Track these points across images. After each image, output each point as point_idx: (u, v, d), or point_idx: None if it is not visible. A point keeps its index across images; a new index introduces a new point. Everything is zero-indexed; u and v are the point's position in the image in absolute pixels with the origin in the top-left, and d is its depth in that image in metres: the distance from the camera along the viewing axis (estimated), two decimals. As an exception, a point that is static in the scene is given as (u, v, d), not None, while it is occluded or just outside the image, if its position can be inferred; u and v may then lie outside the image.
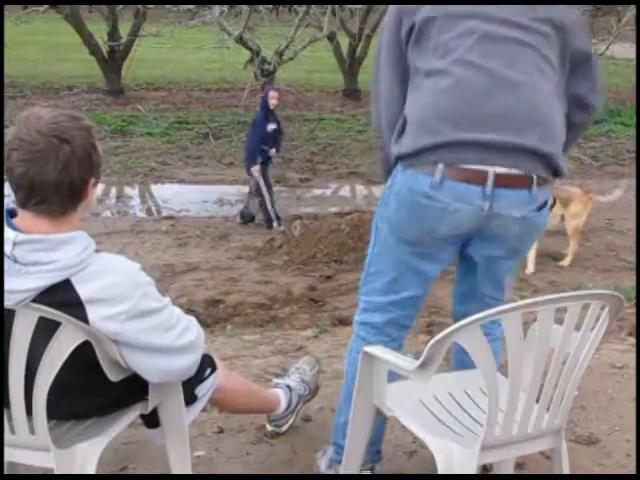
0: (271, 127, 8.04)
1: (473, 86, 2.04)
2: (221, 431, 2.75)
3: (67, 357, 1.79)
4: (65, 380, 1.83)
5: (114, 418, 2.05)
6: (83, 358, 1.82)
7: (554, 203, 5.86)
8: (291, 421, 2.70)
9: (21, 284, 1.75)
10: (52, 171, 1.74)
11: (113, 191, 9.58)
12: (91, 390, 1.97)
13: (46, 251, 1.76)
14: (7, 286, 1.75)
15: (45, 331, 1.76)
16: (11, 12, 13.20)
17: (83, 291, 1.77)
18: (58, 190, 1.77)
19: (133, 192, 9.63)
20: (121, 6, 14.90)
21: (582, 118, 2.27)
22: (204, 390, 2.22)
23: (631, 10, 10.94)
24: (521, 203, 2.08)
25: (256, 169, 7.92)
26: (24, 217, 1.80)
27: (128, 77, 15.40)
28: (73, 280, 1.77)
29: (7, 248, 1.76)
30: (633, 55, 12.51)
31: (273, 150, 8.22)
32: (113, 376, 1.90)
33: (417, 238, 2.15)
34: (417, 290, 2.25)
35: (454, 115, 2.04)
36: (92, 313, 1.78)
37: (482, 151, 2.02)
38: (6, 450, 1.88)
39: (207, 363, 2.22)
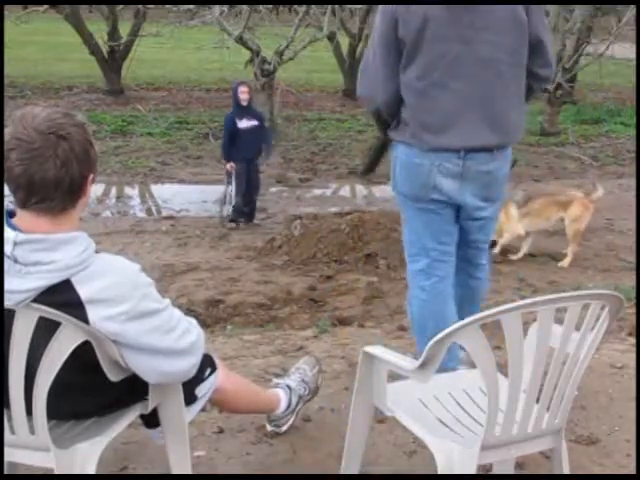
0: (245, 124, 7.73)
1: (447, 106, 2.74)
2: (221, 431, 2.75)
3: (67, 357, 1.80)
4: (65, 380, 1.83)
5: (114, 418, 2.05)
6: (83, 358, 1.82)
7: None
8: (291, 421, 2.70)
9: (21, 284, 1.75)
10: (51, 169, 1.74)
11: (113, 191, 9.58)
12: (91, 390, 1.97)
13: (46, 251, 1.76)
14: (7, 286, 1.75)
15: (45, 331, 1.76)
16: (11, 12, 13.19)
17: (83, 291, 1.77)
18: (58, 188, 1.76)
19: (133, 192, 9.63)
20: (121, 6, 14.90)
21: (538, 84, 2.94)
22: (204, 390, 2.22)
23: (631, 10, 10.92)
24: (486, 161, 2.80)
25: (227, 167, 7.86)
26: (23, 217, 1.80)
27: (128, 77, 15.41)
28: (73, 280, 1.77)
29: (7, 248, 1.75)
30: (633, 55, 12.49)
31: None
32: (113, 376, 1.90)
33: (415, 194, 2.87)
34: (432, 235, 2.92)
35: (435, 128, 2.76)
36: (92, 313, 1.78)
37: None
38: (6, 450, 1.88)
39: (207, 363, 2.22)
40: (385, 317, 4.71)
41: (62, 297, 1.76)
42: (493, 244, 6.33)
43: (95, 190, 8.81)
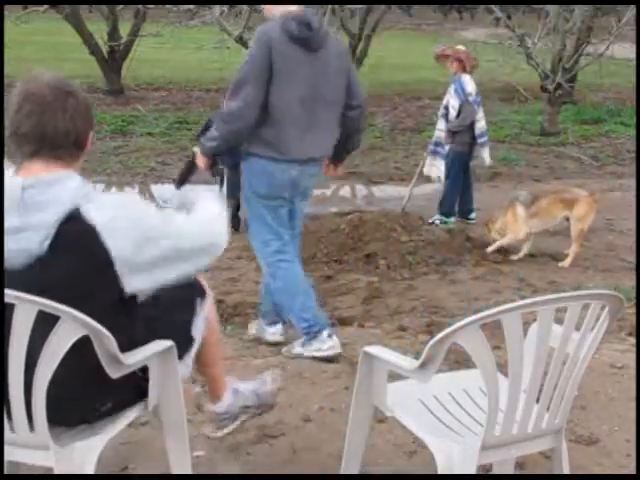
0: None
1: (300, 128, 3.49)
2: (221, 431, 2.75)
3: (66, 357, 1.79)
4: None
5: (114, 418, 2.05)
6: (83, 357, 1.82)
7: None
8: (230, 428, 2.54)
9: (37, 221, 1.80)
10: (61, 120, 1.86)
11: (113, 191, 9.56)
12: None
13: (52, 186, 1.83)
14: (23, 225, 1.80)
15: (44, 324, 1.76)
16: (11, 12, 13.18)
17: (95, 218, 1.84)
18: (67, 138, 1.88)
19: (133, 192, 9.62)
20: (121, 6, 14.89)
21: (353, 114, 3.68)
22: (199, 326, 2.26)
23: (631, 10, 10.92)
24: (313, 166, 3.68)
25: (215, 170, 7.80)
26: (31, 168, 1.86)
27: (128, 77, 15.39)
28: (83, 210, 1.84)
29: (17, 193, 1.81)
30: (633, 55, 12.47)
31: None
32: (112, 372, 1.90)
33: (271, 193, 3.61)
34: (281, 223, 3.74)
35: (290, 144, 3.51)
36: (107, 236, 1.84)
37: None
38: (6, 449, 1.88)
39: (197, 292, 2.31)
40: (385, 317, 4.70)
41: (77, 225, 1.82)
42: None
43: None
